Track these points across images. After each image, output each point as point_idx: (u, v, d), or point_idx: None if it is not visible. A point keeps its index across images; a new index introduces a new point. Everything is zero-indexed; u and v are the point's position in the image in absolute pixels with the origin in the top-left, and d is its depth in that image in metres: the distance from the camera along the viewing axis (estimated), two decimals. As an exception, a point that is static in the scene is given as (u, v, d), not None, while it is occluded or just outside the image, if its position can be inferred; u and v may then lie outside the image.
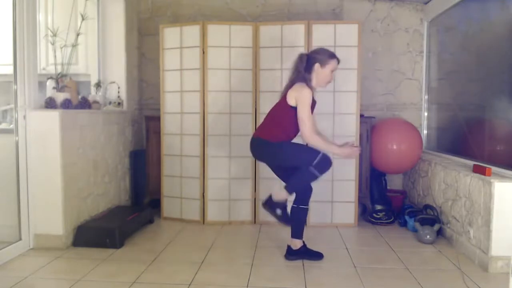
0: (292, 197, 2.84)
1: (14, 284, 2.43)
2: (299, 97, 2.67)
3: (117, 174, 3.83)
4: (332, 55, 2.78)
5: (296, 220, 2.85)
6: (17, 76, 2.88)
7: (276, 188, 2.92)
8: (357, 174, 3.70)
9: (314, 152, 2.69)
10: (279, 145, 2.76)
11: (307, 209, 2.86)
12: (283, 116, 2.76)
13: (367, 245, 3.28)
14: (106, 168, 3.62)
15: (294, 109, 2.70)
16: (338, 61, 2.81)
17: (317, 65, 2.75)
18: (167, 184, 3.91)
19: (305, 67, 2.76)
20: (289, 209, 2.85)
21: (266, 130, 2.82)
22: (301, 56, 2.80)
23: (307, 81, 2.74)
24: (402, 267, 2.78)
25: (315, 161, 2.65)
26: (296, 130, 2.79)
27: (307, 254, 2.86)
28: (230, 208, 3.76)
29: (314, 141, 2.70)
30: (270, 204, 2.82)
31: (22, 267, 2.68)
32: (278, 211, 2.78)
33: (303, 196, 2.83)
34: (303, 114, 2.67)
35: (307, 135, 2.68)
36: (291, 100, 2.71)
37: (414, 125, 4.12)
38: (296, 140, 2.87)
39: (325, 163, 2.68)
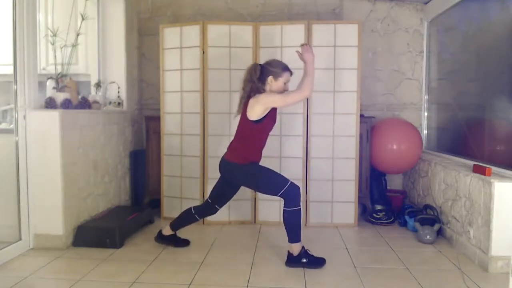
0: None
1: (14, 284, 2.43)
2: (263, 101, 2.68)
3: (117, 174, 3.83)
4: (285, 68, 2.80)
5: (290, 224, 2.75)
6: (17, 76, 2.89)
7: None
8: (357, 174, 3.70)
9: (283, 180, 2.74)
10: (248, 169, 2.78)
11: (299, 210, 2.74)
12: (249, 133, 2.78)
13: (367, 245, 3.28)
14: (106, 168, 3.62)
15: (256, 122, 2.72)
16: (291, 73, 2.84)
17: (270, 78, 2.77)
18: (167, 184, 3.91)
19: (258, 77, 2.76)
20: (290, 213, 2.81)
21: (233, 151, 2.84)
22: (255, 67, 2.80)
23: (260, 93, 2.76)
24: (402, 267, 2.78)
25: (282, 190, 2.71)
26: (263, 144, 2.85)
27: (309, 260, 2.76)
28: (230, 208, 3.75)
29: (306, 91, 2.72)
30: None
31: (22, 267, 2.69)
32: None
33: (292, 197, 2.73)
34: (286, 101, 2.73)
35: (303, 96, 2.74)
36: (251, 115, 2.71)
37: (414, 125, 4.12)
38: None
39: (293, 191, 2.72)
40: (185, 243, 3.17)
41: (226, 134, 3.73)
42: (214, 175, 3.73)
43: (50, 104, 3.08)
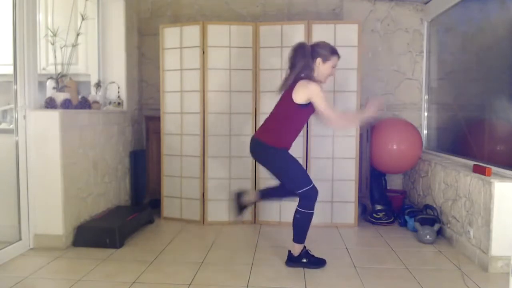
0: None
1: (14, 284, 2.43)
2: (310, 94, 2.58)
3: (117, 174, 3.83)
4: (334, 51, 2.72)
5: (300, 225, 2.73)
6: (17, 76, 2.88)
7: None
8: (357, 174, 3.70)
9: (307, 180, 2.71)
10: (278, 154, 2.71)
11: (312, 214, 2.70)
12: (290, 116, 2.68)
13: (367, 245, 3.28)
14: (106, 168, 3.62)
15: (302, 107, 2.63)
16: (339, 56, 2.76)
17: (319, 60, 2.69)
18: (167, 184, 3.91)
19: (310, 56, 2.67)
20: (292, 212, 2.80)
21: (267, 132, 2.75)
22: (304, 46, 2.70)
23: (311, 76, 2.67)
24: (402, 267, 2.78)
25: (304, 189, 2.67)
26: (299, 130, 2.77)
27: (309, 261, 2.76)
28: (230, 208, 3.75)
29: (344, 123, 2.70)
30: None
31: (22, 267, 2.68)
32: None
33: (310, 199, 2.69)
34: (323, 107, 2.58)
35: (337, 122, 2.65)
36: (297, 98, 2.61)
37: (414, 125, 4.12)
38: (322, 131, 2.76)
39: (313, 193, 2.69)
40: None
41: (226, 134, 3.73)
42: (214, 175, 3.74)
43: (50, 104, 3.08)
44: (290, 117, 2.69)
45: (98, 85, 3.91)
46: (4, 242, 2.85)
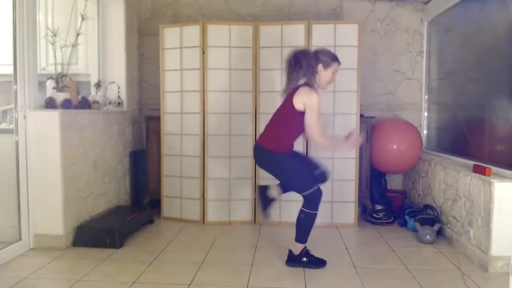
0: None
1: (14, 284, 2.43)
2: (308, 103, 2.60)
3: (117, 174, 3.83)
4: (335, 58, 2.74)
5: (303, 225, 2.74)
6: (17, 76, 2.88)
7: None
8: (357, 174, 3.70)
9: (311, 182, 2.72)
10: (280, 159, 2.73)
11: (315, 215, 2.71)
12: (290, 121, 2.71)
13: (367, 245, 3.28)
14: (106, 168, 3.62)
15: (302, 113, 2.64)
16: (339, 63, 2.78)
17: (320, 66, 2.70)
18: (167, 184, 3.91)
19: (313, 62, 2.69)
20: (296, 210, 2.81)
21: (269, 138, 2.77)
22: (307, 52, 2.73)
23: (313, 83, 2.69)
24: (402, 267, 2.78)
25: (307, 192, 2.68)
26: (299, 134, 2.79)
27: (309, 260, 2.76)
28: (230, 208, 3.76)
29: (324, 144, 2.72)
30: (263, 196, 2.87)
31: (22, 267, 2.68)
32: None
33: (313, 202, 2.70)
34: (313, 121, 2.61)
35: (317, 140, 2.67)
36: (298, 104, 2.63)
37: (414, 125, 4.12)
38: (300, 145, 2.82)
39: (317, 195, 2.70)
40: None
41: (226, 134, 3.73)
42: (214, 175, 3.74)
43: (50, 104, 3.08)
44: (291, 122, 2.72)
45: (98, 85, 3.91)
46: (4, 242, 2.85)
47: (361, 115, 3.75)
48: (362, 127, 3.77)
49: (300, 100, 2.63)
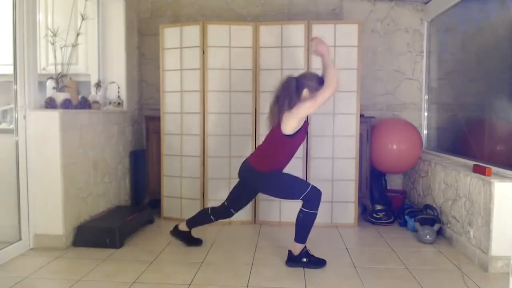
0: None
1: (14, 284, 2.43)
2: (297, 115, 2.61)
3: (117, 174, 3.83)
4: (321, 81, 2.71)
5: (303, 225, 2.76)
6: (17, 76, 2.88)
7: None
8: (357, 174, 3.70)
9: (303, 185, 2.74)
10: (270, 177, 2.76)
11: (316, 214, 2.74)
12: (280, 145, 2.74)
13: (367, 245, 3.28)
14: (106, 168, 3.62)
15: (289, 137, 2.68)
16: None
17: (305, 91, 2.69)
18: (167, 184, 3.91)
19: (295, 91, 2.68)
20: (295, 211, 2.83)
21: (260, 157, 2.81)
22: (291, 80, 2.72)
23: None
24: (402, 267, 2.78)
25: (302, 196, 2.70)
26: (291, 156, 2.82)
27: (309, 261, 2.76)
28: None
29: (334, 84, 2.60)
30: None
31: (22, 267, 2.68)
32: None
33: (312, 200, 2.72)
34: (313, 104, 2.61)
35: (330, 92, 2.61)
36: (286, 129, 2.66)
37: (414, 125, 4.12)
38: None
39: (315, 194, 2.71)
40: (197, 242, 3.17)
41: (226, 134, 3.73)
42: (214, 175, 3.74)
43: (50, 104, 3.08)
44: (280, 146, 2.75)
45: (98, 85, 3.91)
46: (4, 242, 2.85)
47: (361, 115, 3.75)
48: (362, 130, 3.77)
49: (287, 124, 2.64)
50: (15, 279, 2.48)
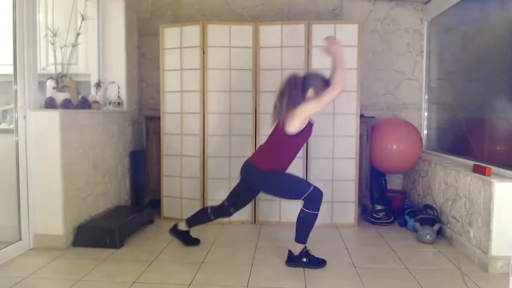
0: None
1: (14, 284, 2.43)
2: (301, 114, 2.62)
3: (117, 174, 3.83)
4: (326, 82, 2.71)
5: (303, 225, 2.75)
6: (17, 76, 2.88)
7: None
8: (357, 174, 3.70)
9: (305, 185, 2.74)
10: (272, 177, 2.75)
11: (317, 215, 2.73)
12: (283, 144, 2.74)
13: (367, 245, 3.28)
14: (106, 168, 3.62)
15: (293, 136, 2.68)
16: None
17: (310, 91, 2.68)
18: (167, 184, 3.91)
19: (301, 89, 2.68)
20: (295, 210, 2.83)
21: (263, 157, 2.80)
22: (296, 79, 2.72)
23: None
24: (402, 267, 2.78)
25: (303, 196, 2.69)
26: (294, 155, 2.82)
27: (309, 261, 2.76)
28: (230, 208, 3.75)
29: (340, 85, 2.61)
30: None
31: (22, 267, 2.68)
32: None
33: (314, 201, 2.72)
34: (319, 104, 2.61)
35: (336, 92, 2.62)
36: (291, 129, 2.66)
37: (414, 125, 4.12)
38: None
39: (316, 195, 2.71)
40: (195, 242, 3.17)
41: (226, 134, 3.73)
42: (214, 175, 3.74)
43: (50, 104, 3.08)
44: (284, 146, 2.75)
45: (98, 85, 3.91)
46: (4, 242, 2.85)
47: (361, 115, 3.75)
48: (362, 130, 3.77)
49: (292, 123, 2.64)
50: (15, 279, 2.48)
